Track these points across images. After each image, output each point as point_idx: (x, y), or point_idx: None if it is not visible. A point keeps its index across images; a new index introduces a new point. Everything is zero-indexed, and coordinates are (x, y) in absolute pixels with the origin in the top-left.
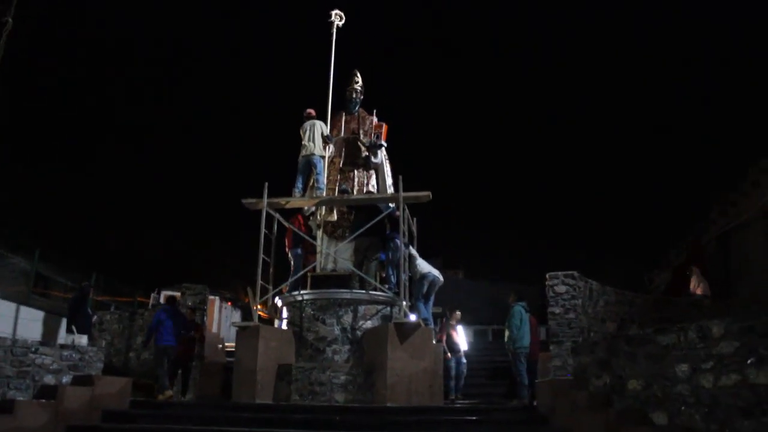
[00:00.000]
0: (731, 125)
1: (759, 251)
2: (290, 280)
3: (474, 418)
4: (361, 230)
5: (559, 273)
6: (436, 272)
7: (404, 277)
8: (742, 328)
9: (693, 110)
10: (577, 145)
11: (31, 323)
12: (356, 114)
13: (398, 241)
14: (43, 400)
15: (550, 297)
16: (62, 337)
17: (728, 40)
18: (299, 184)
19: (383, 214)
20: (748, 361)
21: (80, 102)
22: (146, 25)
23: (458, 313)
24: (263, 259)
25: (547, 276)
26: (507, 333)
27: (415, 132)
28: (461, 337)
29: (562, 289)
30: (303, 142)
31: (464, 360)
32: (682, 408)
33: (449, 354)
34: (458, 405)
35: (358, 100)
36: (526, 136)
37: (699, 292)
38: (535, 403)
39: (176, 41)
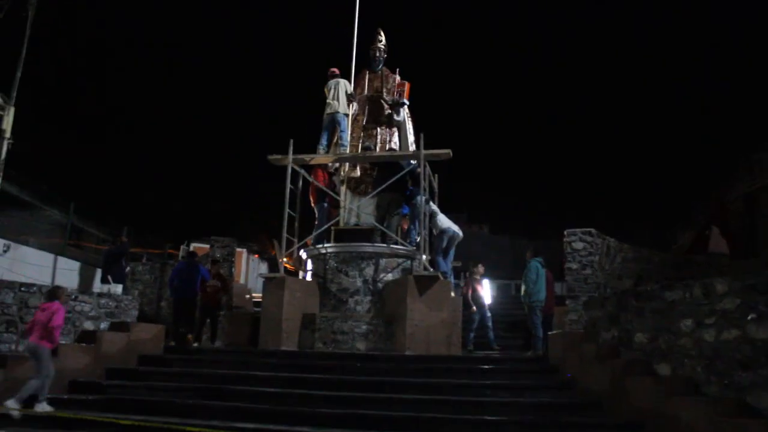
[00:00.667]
0: (761, 87)
1: None
2: (314, 233)
3: (488, 366)
4: (383, 186)
5: (577, 230)
6: (455, 227)
7: (424, 232)
8: (744, 286)
9: (722, 73)
10: (604, 105)
11: (67, 273)
12: (380, 72)
13: (419, 198)
14: (84, 344)
15: (568, 253)
16: (98, 286)
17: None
18: (324, 141)
19: (404, 171)
20: (749, 317)
21: (109, 61)
22: None
23: (481, 267)
24: (288, 213)
25: (565, 232)
26: (523, 287)
27: (440, 89)
28: (486, 291)
29: (579, 245)
30: (327, 101)
31: (488, 313)
32: (685, 360)
33: (474, 307)
34: (474, 355)
35: (381, 58)
36: (552, 95)
37: (718, 249)
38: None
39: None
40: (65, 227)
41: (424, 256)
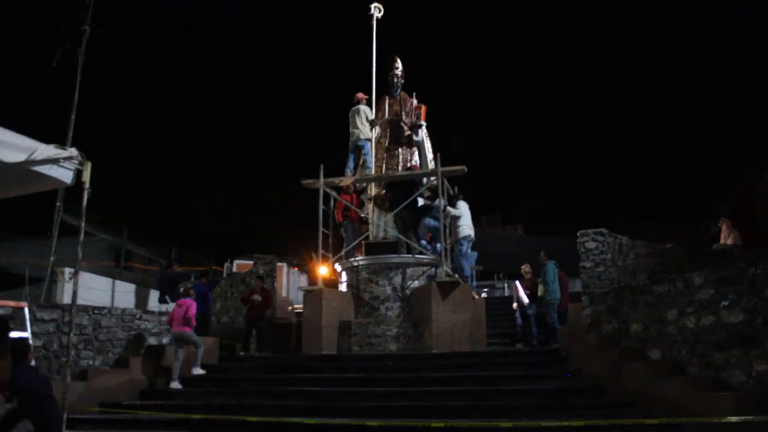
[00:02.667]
0: None
1: None
2: (347, 248)
3: (505, 360)
4: (405, 203)
5: (589, 231)
6: (472, 232)
7: (441, 245)
8: (718, 278)
9: (746, 60)
10: (636, 101)
11: (125, 295)
12: (398, 97)
13: (430, 220)
14: (150, 358)
15: (581, 252)
16: (153, 305)
17: None
18: (350, 164)
19: (420, 191)
20: (721, 305)
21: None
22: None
23: (522, 267)
24: (322, 231)
25: (578, 234)
26: (541, 287)
27: (463, 100)
28: (521, 291)
29: (591, 245)
30: (351, 129)
31: (529, 311)
32: (672, 345)
33: (515, 305)
34: (493, 349)
35: (399, 84)
36: (582, 95)
37: (730, 242)
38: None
39: (230, 34)
40: (116, 251)
41: (445, 266)
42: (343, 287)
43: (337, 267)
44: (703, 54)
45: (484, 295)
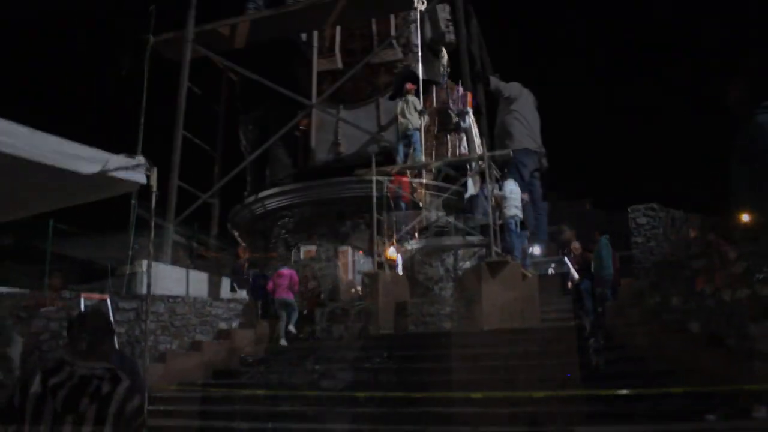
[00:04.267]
0: None
1: None
2: (401, 232)
3: (552, 335)
4: (454, 188)
5: (640, 206)
6: (519, 212)
7: (491, 229)
8: (751, 252)
9: None
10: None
11: (199, 283)
12: (445, 86)
13: (484, 210)
14: (221, 341)
15: (633, 228)
16: (224, 293)
17: None
18: (401, 152)
19: (468, 176)
20: (755, 278)
21: None
22: None
23: (572, 244)
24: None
25: (629, 209)
26: (594, 263)
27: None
28: (571, 268)
29: (643, 220)
30: (400, 119)
31: (581, 286)
32: (710, 317)
33: (569, 283)
34: (541, 325)
35: (445, 73)
36: (645, 60)
37: None
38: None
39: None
40: (188, 244)
41: (494, 246)
42: (399, 270)
43: (393, 251)
44: None
45: (551, 271)
